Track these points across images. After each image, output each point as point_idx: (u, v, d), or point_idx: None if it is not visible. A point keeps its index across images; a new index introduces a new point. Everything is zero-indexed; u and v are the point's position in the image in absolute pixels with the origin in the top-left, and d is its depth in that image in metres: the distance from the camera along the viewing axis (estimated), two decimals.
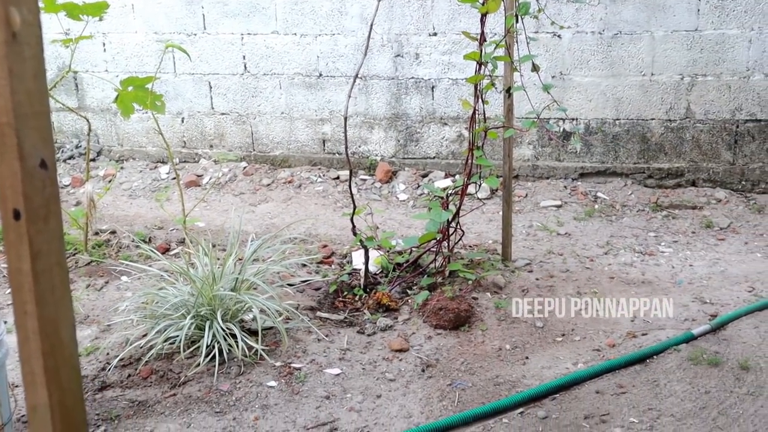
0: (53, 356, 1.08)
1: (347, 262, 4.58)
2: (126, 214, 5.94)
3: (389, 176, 6.23)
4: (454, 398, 3.24)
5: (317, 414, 3.15)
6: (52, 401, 1.09)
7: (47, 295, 1.07)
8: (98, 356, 3.65)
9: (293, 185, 6.31)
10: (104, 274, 4.67)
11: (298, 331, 3.76)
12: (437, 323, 3.79)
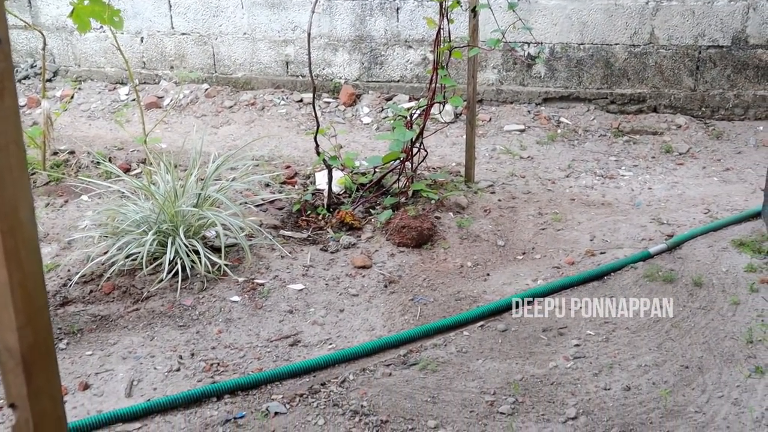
0: (12, 236, 1.07)
1: (310, 183, 4.57)
2: (85, 135, 5.83)
3: (353, 99, 6.18)
4: (416, 312, 3.29)
5: (281, 327, 3.18)
6: (13, 281, 1.08)
7: (5, 174, 1.06)
8: (59, 273, 3.63)
9: (256, 108, 6.23)
10: (63, 194, 4.61)
11: (261, 248, 3.76)
12: (400, 241, 3.82)
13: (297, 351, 3.03)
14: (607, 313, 3.19)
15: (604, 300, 3.28)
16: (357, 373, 2.86)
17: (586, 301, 3.29)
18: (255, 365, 2.93)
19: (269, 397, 2.73)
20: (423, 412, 2.63)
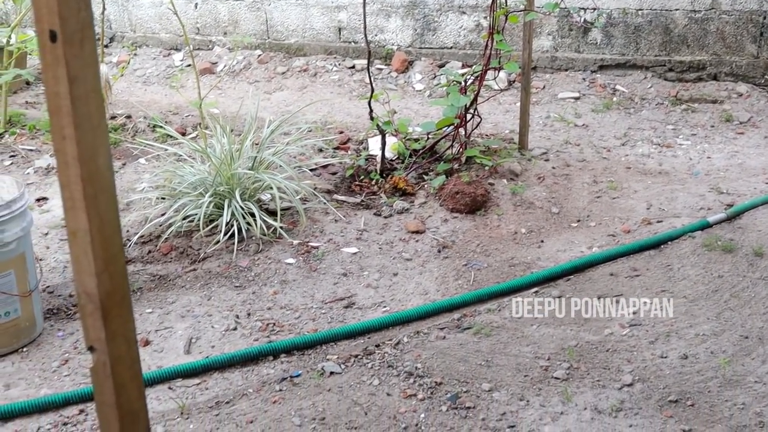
0: (92, 183, 1.09)
1: (363, 149, 4.58)
2: (141, 100, 5.91)
3: (405, 66, 6.15)
4: (470, 277, 3.29)
5: (335, 290, 3.21)
6: (92, 227, 1.10)
7: (84, 121, 1.07)
8: None
9: (308, 74, 6.24)
10: (121, 156, 4.69)
11: (315, 211, 3.79)
12: (453, 207, 3.81)
13: (351, 313, 3.05)
14: (664, 282, 3.15)
15: (661, 269, 3.24)
16: (411, 335, 2.88)
17: (643, 270, 3.26)
18: (310, 326, 2.96)
19: (324, 357, 2.76)
20: (477, 375, 2.64)
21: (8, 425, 2.47)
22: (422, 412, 2.46)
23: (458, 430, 2.38)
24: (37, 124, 5.17)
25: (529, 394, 2.53)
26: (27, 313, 2.85)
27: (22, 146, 4.87)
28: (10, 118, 5.27)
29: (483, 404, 2.49)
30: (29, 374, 2.72)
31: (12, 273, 2.76)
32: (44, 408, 2.52)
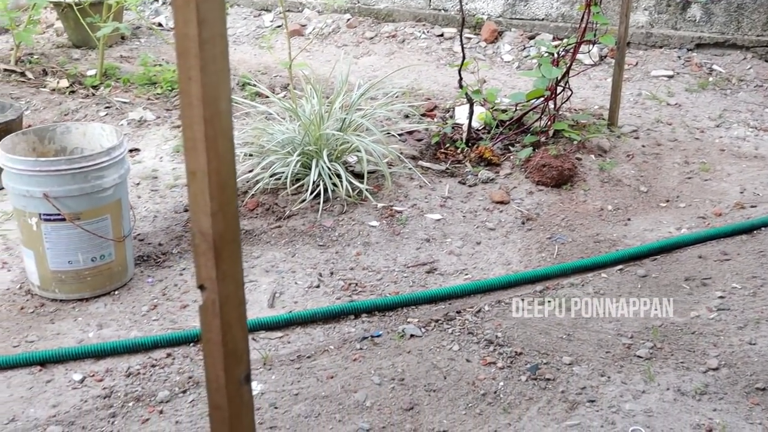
0: (213, 125, 1.12)
1: (449, 117, 4.55)
2: (230, 59, 5.98)
3: (495, 36, 6.07)
4: (553, 251, 3.26)
5: (417, 254, 3.22)
6: (210, 167, 1.13)
7: (210, 64, 1.10)
8: None
9: (396, 40, 6.22)
10: None
11: (400, 176, 3.80)
12: (539, 179, 3.76)
13: (433, 278, 3.06)
14: (755, 268, 3.07)
15: (753, 255, 3.15)
16: (492, 304, 2.87)
17: (734, 254, 3.17)
18: (391, 288, 2.99)
19: (405, 320, 2.78)
20: (558, 348, 2.62)
21: (100, 363, 2.57)
22: (501, 381, 2.46)
23: (537, 400, 2.38)
24: (131, 78, 5.30)
25: (610, 371, 2.50)
26: (120, 257, 2.95)
27: (117, 98, 5.00)
28: (106, 71, 5.41)
29: (563, 377, 2.48)
30: (120, 316, 2.82)
31: (108, 218, 2.86)
32: (134, 349, 2.61)
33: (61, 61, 5.77)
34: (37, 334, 2.72)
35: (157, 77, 5.27)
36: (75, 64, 5.70)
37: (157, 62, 5.71)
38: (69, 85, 5.25)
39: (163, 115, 4.74)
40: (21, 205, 2.80)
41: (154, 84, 5.22)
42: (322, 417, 2.31)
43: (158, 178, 3.92)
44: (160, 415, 2.32)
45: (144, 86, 5.19)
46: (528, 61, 5.73)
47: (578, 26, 4.13)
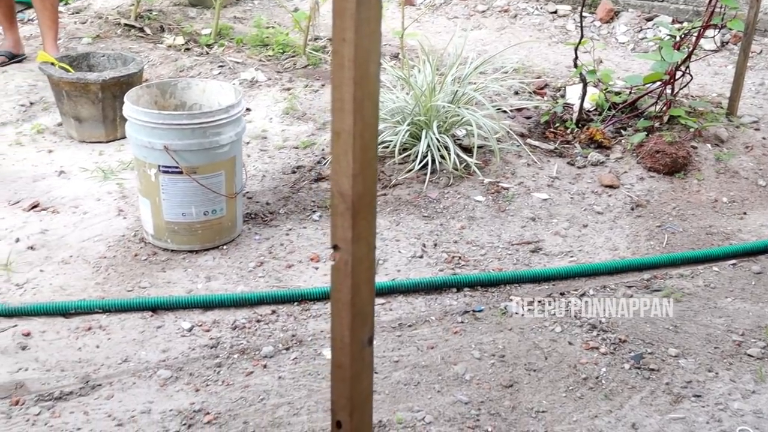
0: (361, 87, 1.12)
1: (560, 96, 4.47)
2: None
3: (611, 16, 5.91)
4: (663, 240, 3.17)
5: (522, 233, 3.19)
6: (355, 129, 1.14)
7: (364, 25, 1.10)
8: (314, 150, 3.83)
9: (508, 15, 6.13)
10: (320, 78, 4.82)
11: (508, 153, 3.76)
12: (651, 166, 3.66)
13: (537, 258, 3.03)
14: None
15: None
16: (597, 289, 2.83)
17: None
18: (495, 265, 2.97)
19: (508, 297, 2.77)
20: (663, 339, 2.56)
21: (208, 314, 2.65)
22: (603, 366, 2.42)
23: (640, 389, 2.33)
24: (243, 39, 5.39)
25: (718, 367, 2.43)
26: (230, 213, 3.02)
27: (230, 58, 5.10)
28: (220, 31, 5.52)
29: (668, 369, 2.42)
30: (227, 270, 2.90)
31: (222, 174, 2.93)
32: (240, 303, 2.68)
33: (178, 18, 5.92)
34: (149, 281, 2.82)
35: (269, 39, 5.34)
36: (191, 22, 5.83)
37: (269, 25, 5.79)
38: (184, 42, 5.38)
39: (274, 76, 4.81)
40: (142, 156, 2.89)
41: (265, 46, 5.30)
42: (421, 386, 2.33)
43: (267, 138, 3.98)
44: (264, 369, 2.38)
45: (256, 47, 5.27)
46: (644, 43, 5.56)
47: (705, 9, 3.97)
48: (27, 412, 2.19)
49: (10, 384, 2.29)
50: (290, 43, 5.26)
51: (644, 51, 5.35)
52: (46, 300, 2.69)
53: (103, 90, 3.80)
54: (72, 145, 3.92)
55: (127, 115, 2.89)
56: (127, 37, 5.53)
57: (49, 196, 3.41)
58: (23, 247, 3.02)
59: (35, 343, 2.49)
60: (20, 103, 4.37)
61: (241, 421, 2.17)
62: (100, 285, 2.79)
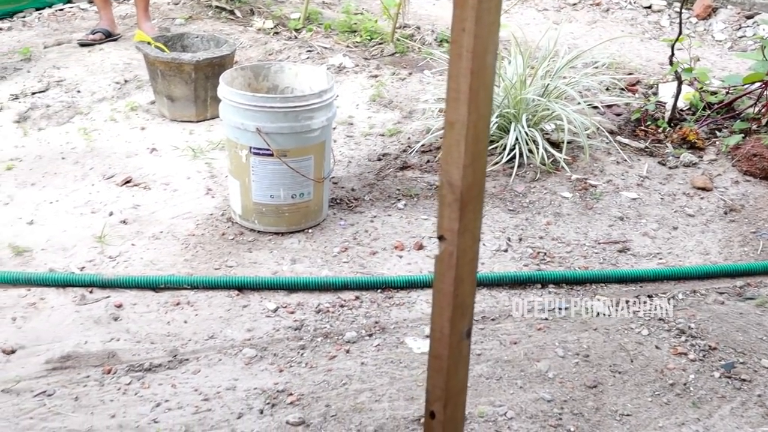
0: (478, 77, 1.11)
1: (653, 93, 4.36)
2: (429, 14, 5.99)
3: (708, 12, 5.73)
4: (757, 246, 3.07)
5: (609, 232, 3.13)
6: (470, 120, 1.13)
7: (485, 15, 1.09)
8: (400, 139, 3.83)
9: (600, 8, 6.01)
10: (407, 66, 4.81)
11: (597, 150, 3.69)
12: (747, 169, 3.54)
13: (625, 258, 2.96)
14: None
15: None
16: (687, 293, 2.75)
17: None
18: (581, 263, 2.92)
19: (593, 296, 2.72)
20: (756, 349, 2.48)
21: (293, 296, 2.68)
22: (692, 373, 2.36)
23: (730, 399, 2.26)
24: (332, 24, 5.42)
25: None
26: (317, 197, 3.05)
27: (318, 43, 5.14)
28: (309, 16, 5.56)
29: (761, 380, 2.35)
30: (312, 254, 2.93)
31: (312, 158, 2.95)
32: (325, 287, 2.70)
33: (267, 2, 5.98)
34: (236, 260, 2.87)
35: (357, 26, 5.36)
36: (280, 6, 5.89)
37: (357, 11, 5.81)
38: (273, 26, 5.44)
39: (362, 63, 4.82)
40: (234, 137, 2.94)
41: (353, 32, 5.32)
42: (504, 381, 2.31)
43: (354, 124, 4.00)
44: (347, 354, 2.40)
45: (344, 33, 5.29)
46: (743, 41, 5.38)
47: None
48: (118, 381, 2.26)
49: (103, 353, 2.37)
50: (378, 30, 5.27)
51: (743, 50, 5.18)
52: (137, 273, 2.76)
53: (196, 70, 3.87)
54: (164, 123, 4.01)
55: (221, 96, 2.94)
56: (218, 19, 5.63)
57: (141, 172, 3.50)
58: (116, 220, 3.11)
59: (126, 314, 2.56)
60: (115, 81, 4.49)
61: (323, 404, 2.19)
62: (189, 262, 2.85)
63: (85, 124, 3.94)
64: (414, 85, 4.52)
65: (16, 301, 2.61)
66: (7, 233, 3.00)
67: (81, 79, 4.47)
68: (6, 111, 4.05)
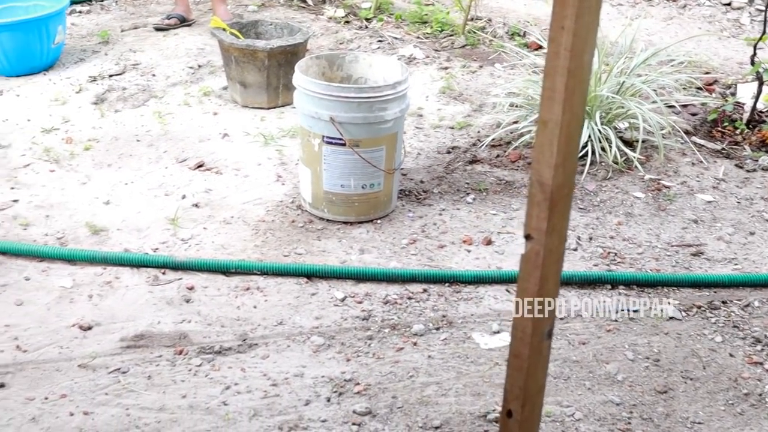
0: (574, 76, 1.10)
1: (730, 94, 4.25)
2: (500, 6, 5.93)
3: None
4: None
5: (683, 234, 3.06)
6: (563, 119, 1.12)
7: (585, 14, 1.07)
8: (470, 132, 3.81)
9: (677, 5, 5.87)
10: (478, 59, 4.78)
11: (671, 150, 3.61)
12: None
13: (698, 262, 2.90)
14: None
15: None
16: (763, 300, 2.68)
17: None
18: (652, 265, 2.87)
19: (665, 300, 2.67)
20: None
21: (360, 286, 2.69)
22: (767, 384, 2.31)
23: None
24: (403, 15, 5.40)
25: None
26: (387, 188, 3.05)
27: (388, 33, 5.13)
28: (380, 5, 5.55)
29: None
30: (381, 245, 2.93)
31: (383, 149, 2.96)
32: (392, 279, 2.71)
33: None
34: (305, 248, 2.89)
35: (429, 17, 5.33)
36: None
37: (428, 2, 5.78)
38: (344, 15, 5.45)
39: (432, 54, 4.80)
40: (307, 125, 2.96)
41: (424, 23, 5.30)
42: (571, 381, 2.29)
43: (423, 116, 3.99)
44: (414, 347, 2.40)
45: (415, 24, 5.28)
46: None
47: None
48: (189, 362, 2.30)
49: (175, 334, 2.42)
50: (449, 21, 5.24)
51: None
52: (208, 257, 2.81)
53: (270, 58, 3.91)
54: (235, 109, 4.06)
55: (297, 84, 2.96)
56: (290, 7, 5.66)
57: (213, 157, 3.55)
58: (188, 204, 3.17)
59: (198, 297, 2.60)
60: (189, 65, 4.56)
61: (389, 395, 2.20)
62: (258, 248, 2.88)
63: (159, 108, 4.01)
64: (484, 78, 4.49)
65: (92, 279, 2.68)
66: (84, 212, 3.08)
67: (156, 63, 4.55)
68: (85, 93, 4.15)
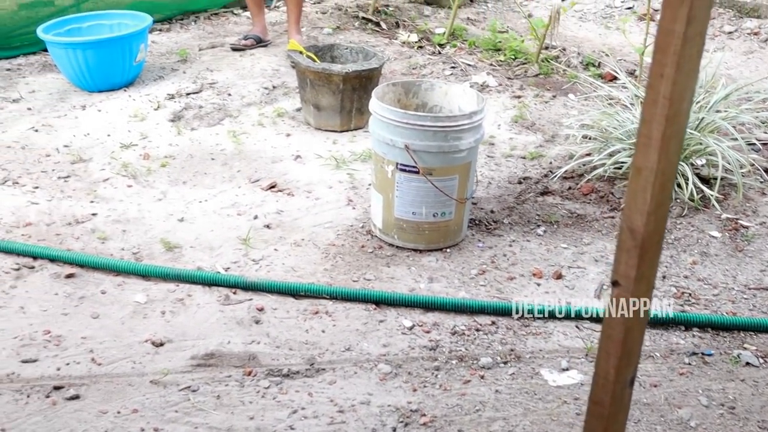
0: (672, 124, 1.08)
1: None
2: (574, 36, 5.90)
3: None
4: None
5: (761, 277, 2.98)
6: (659, 167, 1.10)
7: (686, 62, 1.06)
8: (542, 163, 3.78)
9: (759, 38, 5.74)
10: (551, 88, 4.75)
11: (750, 189, 3.53)
12: None
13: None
14: None
15: None
16: None
17: None
18: (728, 307, 2.79)
19: (741, 345, 2.60)
20: None
21: (428, 315, 2.68)
22: None
23: None
24: (476, 41, 5.41)
25: None
26: (458, 217, 3.04)
27: (462, 59, 5.14)
28: (454, 31, 5.57)
29: None
30: (450, 274, 2.92)
31: (456, 178, 2.95)
32: (461, 309, 2.69)
33: (413, 16, 6.04)
34: (374, 274, 2.90)
35: (502, 44, 5.33)
36: (425, 20, 5.94)
37: (502, 29, 5.78)
38: (418, 40, 5.49)
39: (505, 82, 4.79)
40: (381, 152, 2.97)
41: (498, 50, 5.29)
42: (642, 424, 2.24)
43: (495, 145, 3.98)
44: (481, 380, 2.38)
45: (488, 51, 5.28)
46: None
47: None
48: (257, 384, 2.32)
49: (244, 354, 2.44)
50: (523, 49, 5.22)
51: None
52: (278, 278, 2.84)
53: (345, 82, 3.95)
54: (308, 131, 4.11)
55: (373, 110, 2.98)
56: (364, 31, 5.72)
57: (285, 178, 3.59)
58: (260, 224, 3.21)
59: (267, 318, 2.63)
60: (264, 86, 4.63)
61: (455, 428, 2.18)
62: (328, 271, 2.90)
63: (234, 127, 4.09)
64: (557, 109, 4.45)
65: (165, 295, 2.73)
66: (159, 228, 3.14)
67: (232, 83, 4.64)
68: (163, 110, 4.25)
